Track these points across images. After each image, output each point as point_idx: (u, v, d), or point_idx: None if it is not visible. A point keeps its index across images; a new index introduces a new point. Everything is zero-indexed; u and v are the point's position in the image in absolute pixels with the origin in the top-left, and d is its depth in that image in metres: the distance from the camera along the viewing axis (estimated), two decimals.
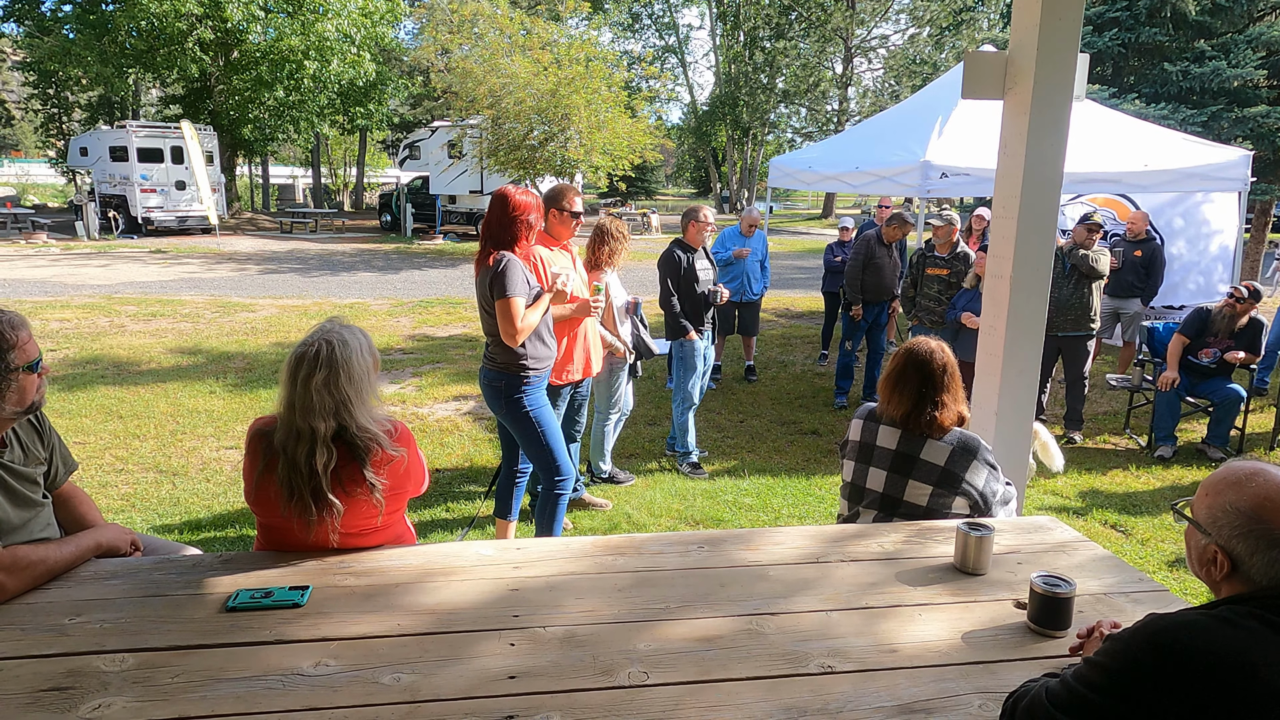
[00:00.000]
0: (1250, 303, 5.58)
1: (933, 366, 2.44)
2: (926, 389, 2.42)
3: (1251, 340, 5.60)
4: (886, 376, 2.51)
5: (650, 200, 44.57)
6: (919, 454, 2.42)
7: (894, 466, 2.46)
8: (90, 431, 5.77)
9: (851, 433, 2.61)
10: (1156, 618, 1.27)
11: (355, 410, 2.02)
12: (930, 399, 2.42)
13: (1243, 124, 11.42)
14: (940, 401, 2.42)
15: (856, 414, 2.64)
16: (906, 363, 2.47)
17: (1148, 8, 12.04)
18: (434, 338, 9.47)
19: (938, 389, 2.42)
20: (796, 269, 17.32)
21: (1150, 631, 1.25)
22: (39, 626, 1.74)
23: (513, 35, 17.36)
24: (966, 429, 2.49)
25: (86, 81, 25.04)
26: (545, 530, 3.62)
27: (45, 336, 8.81)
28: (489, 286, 3.33)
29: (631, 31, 40.05)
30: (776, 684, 1.60)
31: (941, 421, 2.41)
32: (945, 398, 2.43)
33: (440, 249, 19.79)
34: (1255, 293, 5.65)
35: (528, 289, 3.37)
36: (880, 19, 34.09)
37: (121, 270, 14.64)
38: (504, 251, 3.34)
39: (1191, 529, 1.37)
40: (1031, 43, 2.91)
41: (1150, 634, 1.25)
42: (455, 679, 1.59)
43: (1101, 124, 7.51)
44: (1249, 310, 5.60)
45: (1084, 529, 4.44)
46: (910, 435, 2.44)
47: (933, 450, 2.41)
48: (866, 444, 2.53)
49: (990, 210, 6.48)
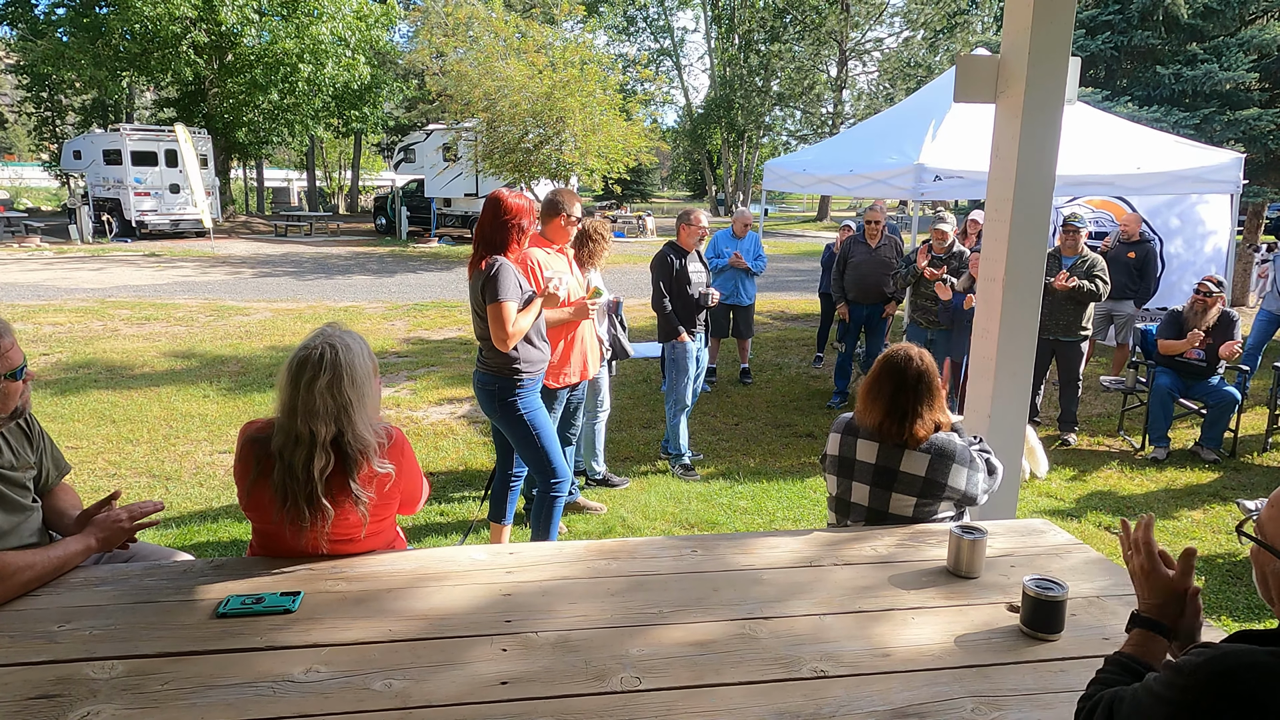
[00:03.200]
0: (1219, 295, 5.61)
1: (908, 375, 2.40)
2: (902, 399, 2.39)
3: (1226, 333, 5.63)
4: (864, 387, 2.49)
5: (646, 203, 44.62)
6: (899, 466, 2.40)
7: (876, 480, 2.45)
8: (83, 436, 5.75)
9: (830, 446, 2.58)
10: (1224, 654, 1.13)
11: (356, 415, 2.01)
12: (906, 410, 2.39)
13: (1235, 127, 11.46)
14: (916, 412, 2.39)
15: (834, 426, 2.61)
16: (882, 371, 2.44)
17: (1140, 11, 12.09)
18: (429, 341, 9.46)
19: (914, 399, 2.39)
20: (792, 271, 17.34)
21: (1214, 672, 1.12)
22: (28, 633, 1.73)
23: (508, 38, 17.38)
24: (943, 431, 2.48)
25: (80, 85, 24.96)
26: (542, 533, 3.61)
27: (38, 340, 8.78)
28: (481, 290, 3.33)
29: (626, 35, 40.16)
30: (770, 688, 1.60)
31: (917, 433, 2.39)
32: (921, 408, 2.39)
33: (435, 252, 19.78)
34: (1220, 284, 5.71)
35: (520, 293, 3.36)
36: (874, 22, 34.23)
37: (115, 274, 14.59)
38: (497, 256, 3.34)
39: (1260, 551, 1.20)
40: (1023, 46, 2.92)
41: (1215, 674, 1.12)
42: (447, 685, 1.59)
43: (1095, 127, 7.54)
44: (1217, 303, 5.63)
45: (1077, 531, 4.44)
46: (888, 447, 2.42)
47: (911, 461, 2.39)
48: (846, 458, 2.51)
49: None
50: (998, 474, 2.58)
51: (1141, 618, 1.49)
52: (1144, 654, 1.44)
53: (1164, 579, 1.50)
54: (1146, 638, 1.46)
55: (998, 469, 2.59)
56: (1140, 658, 1.42)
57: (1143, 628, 1.48)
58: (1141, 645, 1.46)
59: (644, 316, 5.59)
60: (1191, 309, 5.73)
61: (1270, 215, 18.02)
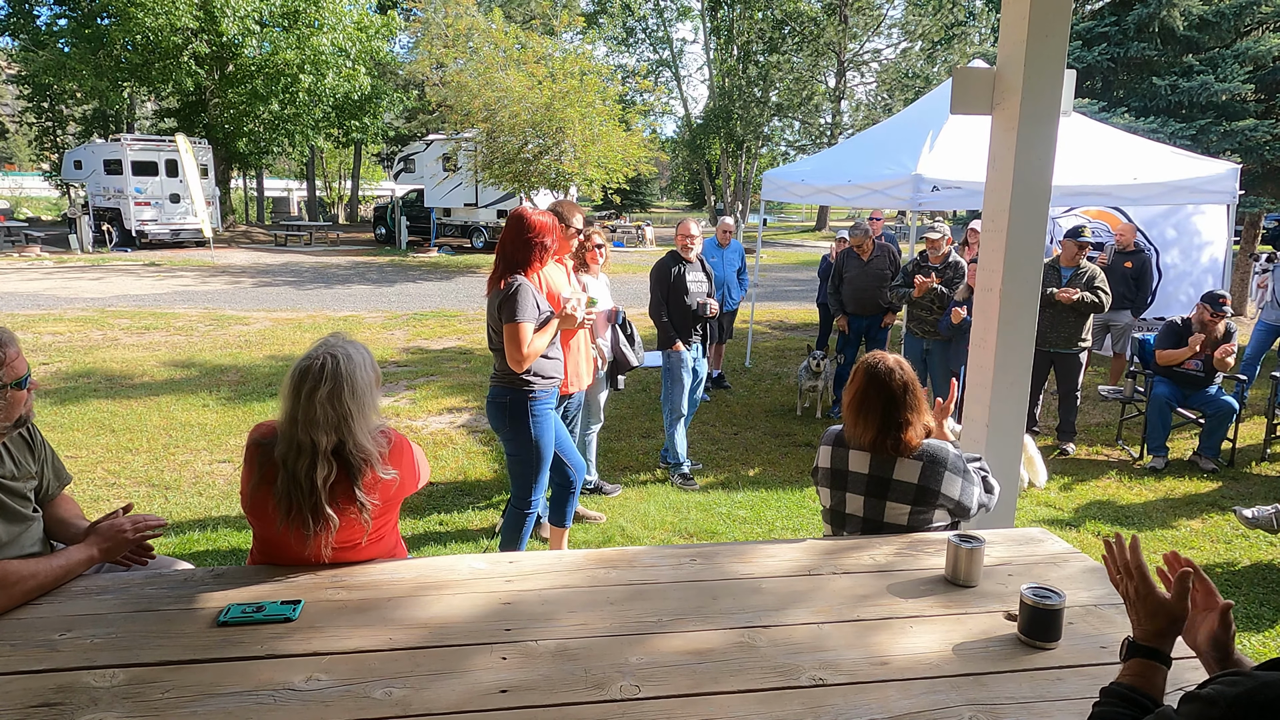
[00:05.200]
0: (1222, 314, 5.61)
1: (893, 386, 2.41)
2: (890, 409, 2.40)
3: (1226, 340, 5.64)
4: (849, 401, 2.49)
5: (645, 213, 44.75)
6: (891, 475, 2.42)
7: (869, 490, 2.46)
8: (82, 445, 5.75)
9: (821, 459, 2.59)
10: (1263, 684, 1.06)
11: (356, 425, 2.02)
12: (895, 420, 2.40)
13: (1231, 137, 11.51)
14: (905, 420, 2.40)
15: (823, 439, 2.61)
16: (867, 385, 2.44)
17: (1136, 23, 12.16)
18: (428, 350, 9.47)
19: (901, 408, 2.40)
20: (790, 281, 17.38)
21: (1256, 704, 1.05)
22: (29, 642, 1.73)
23: (507, 49, 17.48)
24: (934, 438, 2.49)
25: (81, 95, 25.07)
26: (510, 545, 3.62)
27: (38, 350, 8.78)
28: (498, 309, 3.34)
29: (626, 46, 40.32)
30: (768, 697, 1.60)
31: (909, 440, 2.40)
32: (910, 415, 2.40)
33: (435, 262, 19.81)
34: (1225, 300, 5.70)
35: (537, 314, 3.37)
36: (872, 33, 34.43)
37: (115, 283, 14.61)
38: (517, 275, 3.36)
39: None
40: (1019, 59, 2.95)
41: (1256, 706, 1.05)
42: (447, 693, 1.59)
43: (1091, 137, 7.57)
44: (1222, 320, 5.63)
45: (1075, 540, 4.45)
46: (880, 458, 2.43)
47: (904, 469, 2.41)
48: (839, 470, 2.51)
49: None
50: (995, 493, 2.58)
51: (1139, 646, 1.40)
52: (1145, 685, 1.34)
53: (1160, 603, 1.41)
54: (1146, 667, 1.37)
55: (995, 488, 2.60)
56: (1142, 689, 1.33)
57: (1142, 657, 1.38)
58: (1141, 675, 1.36)
59: (643, 326, 5.61)
60: (1196, 319, 5.73)
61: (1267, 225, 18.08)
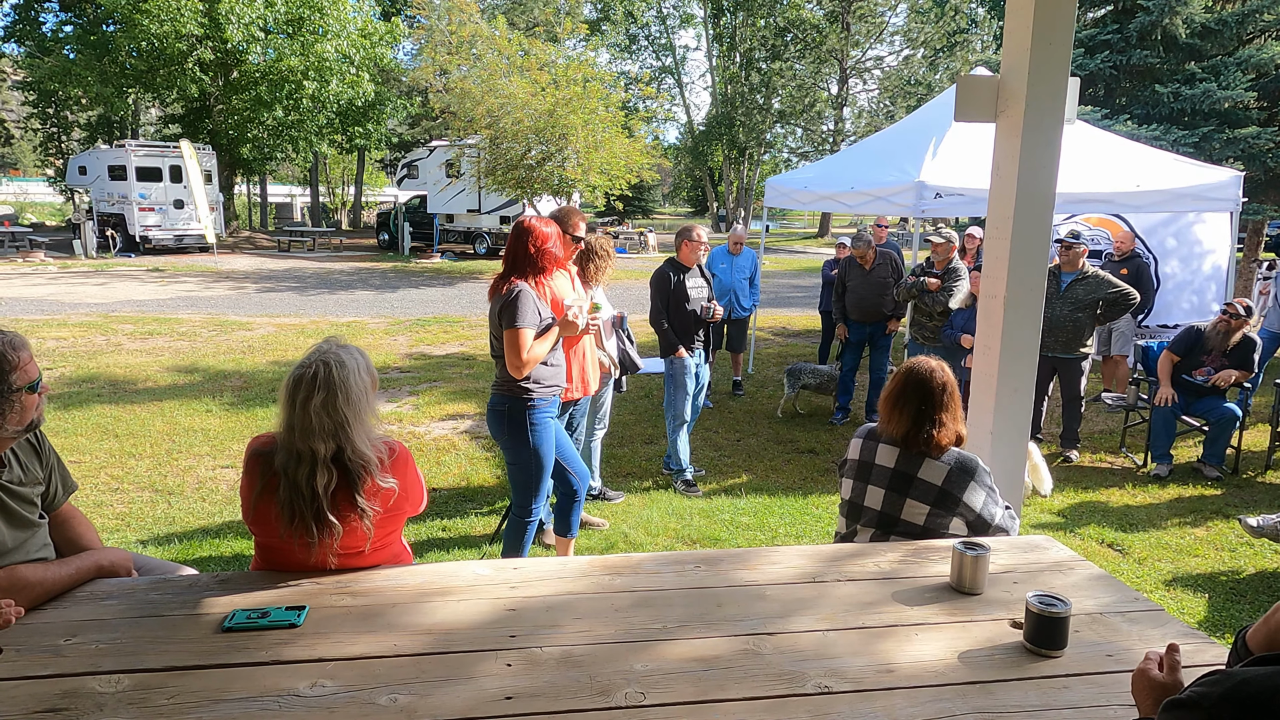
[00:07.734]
0: (1244, 320, 5.61)
1: (932, 385, 2.46)
2: (926, 407, 2.45)
3: (1244, 358, 5.62)
4: (886, 395, 2.54)
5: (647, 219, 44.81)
6: (917, 473, 2.44)
7: (892, 484, 2.48)
8: (86, 450, 5.76)
9: (851, 451, 2.64)
10: (1244, 680, 1.06)
11: (353, 432, 2.03)
12: (929, 417, 2.44)
13: (1234, 145, 11.52)
14: (939, 420, 2.44)
15: (857, 433, 2.66)
16: (906, 381, 2.50)
17: (1139, 30, 12.19)
18: (431, 356, 9.48)
19: (937, 408, 2.45)
20: (793, 288, 17.38)
21: (1238, 701, 1.05)
22: (34, 647, 1.73)
23: (511, 56, 17.53)
24: (964, 448, 2.51)
25: (86, 101, 25.19)
26: (512, 553, 3.61)
27: (42, 355, 8.80)
28: (499, 314, 3.35)
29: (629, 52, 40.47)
30: (774, 704, 1.60)
31: (940, 440, 2.43)
32: (944, 416, 2.45)
33: (438, 267, 19.85)
34: (1249, 309, 5.68)
35: (538, 320, 3.38)
36: (875, 40, 34.49)
37: (119, 289, 14.65)
38: (519, 281, 3.38)
39: None
40: (1023, 67, 2.95)
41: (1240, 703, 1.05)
42: (452, 700, 1.59)
43: (1094, 145, 7.58)
44: (1242, 327, 5.63)
45: (1080, 548, 4.44)
46: (909, 454, 2.46)
47: (930, 469, 2.43)
48: (865, 462, 2.55)
49: (982, 229, 6.53)
50: (1014, 527, 2.58)
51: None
52: None
53: (1154, 683, 1.42)
54: None
55: (1016, 522, 2.60)
56: None
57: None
58: None
59: (644, 333, 5.61)
60: (1214, 329, 5.73)
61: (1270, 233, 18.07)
